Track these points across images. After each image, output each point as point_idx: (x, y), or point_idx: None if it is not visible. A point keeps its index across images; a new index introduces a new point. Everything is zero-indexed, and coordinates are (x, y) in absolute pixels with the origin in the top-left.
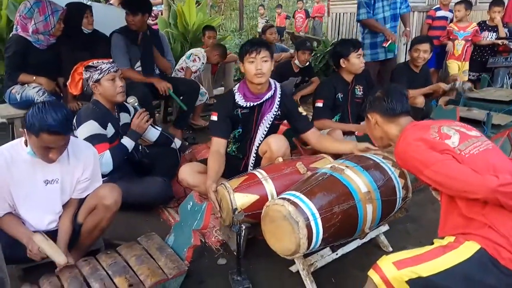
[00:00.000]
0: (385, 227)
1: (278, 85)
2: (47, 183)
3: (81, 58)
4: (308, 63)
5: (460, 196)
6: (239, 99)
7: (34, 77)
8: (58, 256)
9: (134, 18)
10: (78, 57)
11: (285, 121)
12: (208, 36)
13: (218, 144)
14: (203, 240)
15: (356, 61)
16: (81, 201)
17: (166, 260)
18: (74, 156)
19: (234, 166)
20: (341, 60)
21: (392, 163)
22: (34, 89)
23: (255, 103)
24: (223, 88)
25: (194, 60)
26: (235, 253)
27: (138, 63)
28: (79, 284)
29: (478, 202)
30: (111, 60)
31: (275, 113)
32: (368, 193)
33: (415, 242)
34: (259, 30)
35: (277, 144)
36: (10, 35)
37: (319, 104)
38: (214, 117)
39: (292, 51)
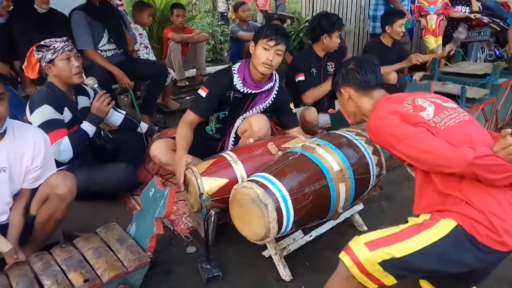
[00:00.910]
0: (359, 206)
1: (277, 77)
2: None
3: (38, 40)
4: None
5: (435, 171)
6: (237, 82)
7: None
8: (1, 245)
9: None
10: (34, 39)
11: None
12: (177, 14)
13: (192, 120)
14: (172, 228)
15: (336, 41)
16: (34, 192)
17: (126, 252)
18: (23, 142)
19: (210, 147)
20: (323, 36)
21: (366, 139)
22: None
23: (252, 91)
24: (195, 70)
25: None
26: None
27: (103, 41)
28: (28, 282)
29: (454, 176)
30: (65, 38)
31: (267, 105)
32: (341, 172)
33: (390, 220)
34: (220, 9)
35: (259, 123)
36: None
37: (301, 77)
38: (203, 93)
39: None
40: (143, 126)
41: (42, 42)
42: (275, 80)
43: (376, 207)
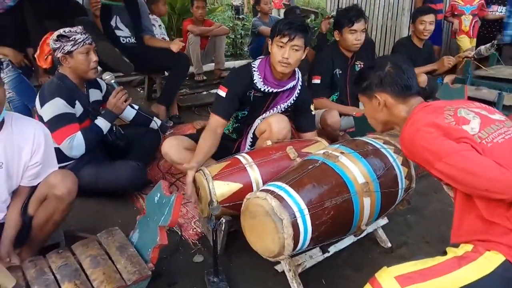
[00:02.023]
0: (383, 221)
1: (300, 75)
2: None
3: (51, 27)
4: None
5: (480, 195)
6: (257, 80)
7: None
8: (6, 282)
9: None
10: (47, 26)
11: None
12: (197, 6)
13: (217, 124)
14: (179, 233)
15: (349, 37)
16: (34, 190)
17: (126, 263)
18: (21, 136)
19: (225, 147)
20: (335, 32)
21: (394, 149)
22: None
23: (274, 90)
24: (213, 64)
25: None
26: None
27: (119, 31)
28: None
29: (502, 203)
30: (81, 27)
31: (289, 105)
32: (366, 185)
33: (417, 237)
34: (234, 3)
35: (279, 124)
36: None
37: (316, 80)
38: (222, 93)
39: None
40: (157, 122)
41: (61, 32)
42: (298, 78)
43: (401, 221)
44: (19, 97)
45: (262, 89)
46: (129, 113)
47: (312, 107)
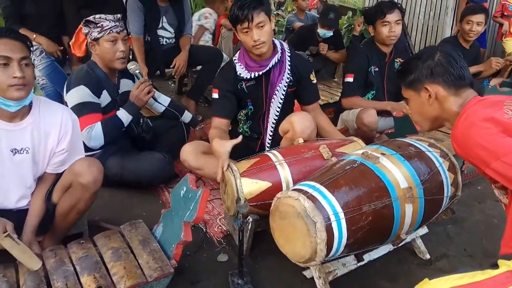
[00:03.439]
0: (423, 230)
1: (284, 45)
2: (15, 152)
3: (87, 16)
4: (334, 31)
5: None
6: (240, 70)
7: (34, 35)
8: (31, 263)
9: None
10: (83, 15)
11: None
12: (231, 0)
13: (219, 124)
14: (204, 229)
15: (382, 30)
16: (59, 177)
17: (148, 258)
18: (49, 122)
19: (249, 147)
20: (370, 27)
21: (440, 152)
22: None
23: (260, 72)
24: None
25: (206, 17)
26: None
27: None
28: (37, 281)
29: None
30: (118, 16)
31: (287, 80)
32: (409, 190)
33: (458, 249)
34: None
35: (302, 123)
36: None
37: (349, 79)
38: (215, 95)
39: None
40: (187, 116)
41: (91, 18)
42: (282, 49)
43: (441, 232)
44: (52, 84)
45: (248, 77)
46: (161, 105)
47: (312, 77)
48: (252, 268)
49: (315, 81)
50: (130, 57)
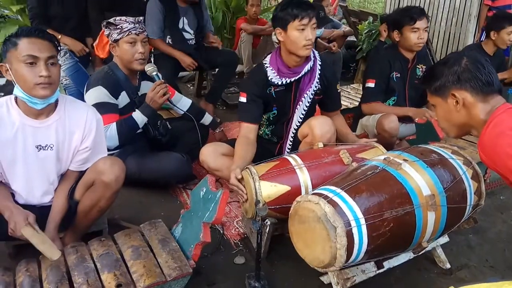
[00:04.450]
0: (444, 239)
1: (316, 53)
2: (40, 148)
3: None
4: None
5: None
6: (272, 75)
7: (60, 36)
8: (51, 252)
9: None
10: (107, 18)
11: None
12: (251, 4)
13: (247, 130)
14: (221, 232)
15: (411, 36)
16: (82, 175)
17: (167, 257)
18: (74, 120)
19: (267, 150)
20: (394, 33)
21: (464, 160)
22: None
23: (292, 79)
24: None
25: None
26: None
27: (184, 33)
28: (58, 277)
29: None
30: (140, 18)
31: (315, 88)
32: (432, 197)
33: (480, 260)
34: None
35: (322, 128)
36: None
37: (370, 84)
38: (243, 99)
39: (345, 27)
40: (208, 118)
41: (111, 20)
42: (314, 57)
43: (462, 241)
44: (75, 84)
45: (279, 83)
46: (182, 107)
47: (338, 86)
48: (269, 272)
49: (339, 90)
50: (152, 60)
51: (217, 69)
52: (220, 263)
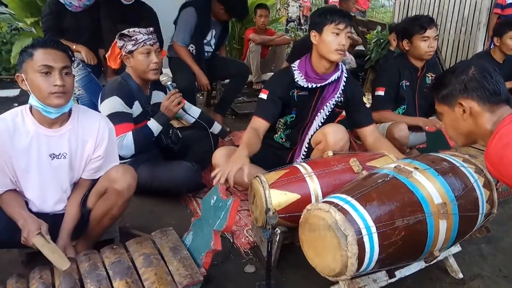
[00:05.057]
0: (456, 248)
1: (344, 67)
2: (54, 157)
3: (122, 30)
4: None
5: None
6: (298, 78)
7: (74, 46)
8: (61, 263)
9: None
10: (119, 29)
11: None
12: (260, 14)
13: (258, 125)
14: (231, 240)
15: (421, 45)
16: (94, 183)
17: (178, 265)
18: (86, 129)
19: (279, 157)
20: (404, 42)
21: (475, 168)
22: None
23: (318, 85)
24: (272, 73)
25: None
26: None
27: (207, 46)
28: (72, 284)
29: None
30: (151, 29)
31: (337, 100)
32: (444, 205)
33: (493, 270)
34: (290, 14)
35: (335, 135)
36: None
37: (380, 92)
38: (264, 95)
39: (355, 36)
40: (217, 127)
41: (125, 31)
42: (341, 69)
43: (474, 251)
44: (88, 94)
45: (305, 86)
46: (191, 116)
47: (365, 99)
48: (280, 281)
49: (368, 105)
50: (163, 70)
51: (227, 80)
52: (231, 271)
